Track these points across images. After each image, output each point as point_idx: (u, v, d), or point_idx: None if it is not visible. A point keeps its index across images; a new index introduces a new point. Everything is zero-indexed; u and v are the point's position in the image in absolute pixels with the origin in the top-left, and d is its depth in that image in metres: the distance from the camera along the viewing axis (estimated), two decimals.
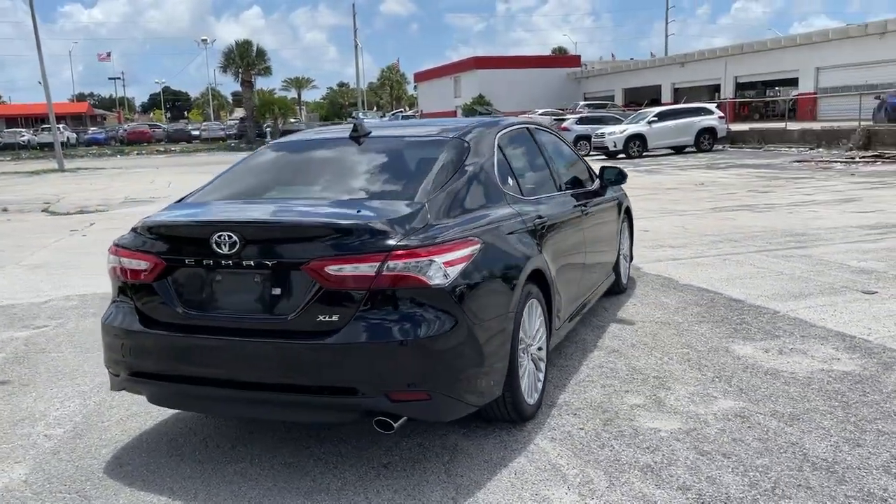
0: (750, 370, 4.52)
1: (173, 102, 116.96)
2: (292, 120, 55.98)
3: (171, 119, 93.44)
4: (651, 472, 3.30)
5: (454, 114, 66.28)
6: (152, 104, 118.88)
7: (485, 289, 3.38)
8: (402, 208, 3.36)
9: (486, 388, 3.39)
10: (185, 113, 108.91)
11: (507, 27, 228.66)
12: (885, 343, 4.94)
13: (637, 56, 72.53)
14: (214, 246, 3.25)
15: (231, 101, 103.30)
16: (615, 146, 26.65)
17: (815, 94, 43.25)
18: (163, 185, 22.28)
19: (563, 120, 30.72)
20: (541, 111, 49.47)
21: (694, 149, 27.62)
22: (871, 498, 3.00)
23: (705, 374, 4.50)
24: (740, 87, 51.13)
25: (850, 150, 23.89)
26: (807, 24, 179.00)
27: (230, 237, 3.22)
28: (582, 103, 44.99)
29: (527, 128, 4.90)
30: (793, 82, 46.55)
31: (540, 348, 4.01)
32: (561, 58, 73.34)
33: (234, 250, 3.22)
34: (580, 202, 5.09)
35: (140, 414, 4.25)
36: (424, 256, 3.11)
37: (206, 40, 67.76)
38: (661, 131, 27.04)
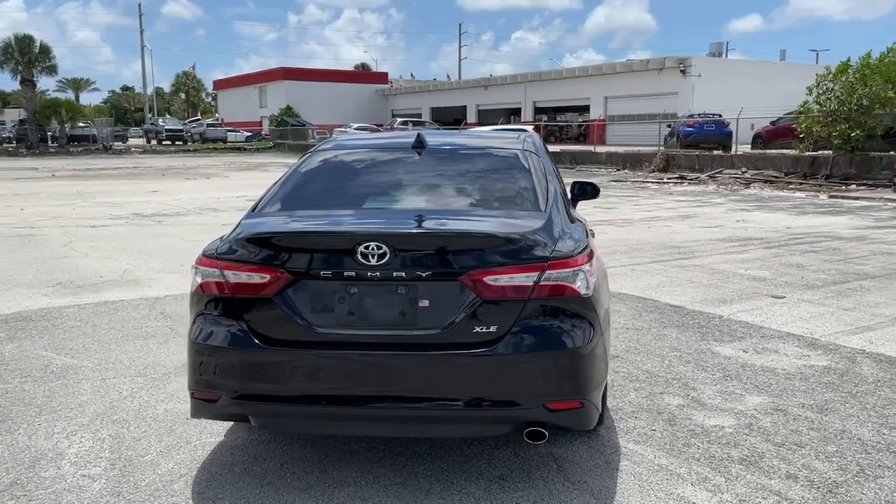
0: (748, 369, 4.99)
1: None
2: (81, 124, 51.13)
3: None
4: (751, 465, 3.56)
5: (259, 124, 64.53)
6: None
7: (603, 298, 3.47)
8: (536, 220, 3.36)
9: (601, 395, 3.47)
10: None
11: (298, 39, 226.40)
12: (832, 340, 5.65)
13: (431, 76, 75.17)
14: (360, 257, 3.06)
15: None
16: None
17: (603, 120, 47.33)
18: None
19: None
20: (356, 125, 49.65)
21: None
22: None
23: (713, 374, 4.89)
24: (538, 111, 54.76)
25: (653, 171, 26.56)
26: (577, 56, 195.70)
27: (379, 248, 3.04)
28: (399, 120, 45.76)
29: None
30: (585, 109, 50.70)
31: None
32: (369, 74, 74.03)
33: (382, 262, 3.05)
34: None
35: (180, 444, 3.81)
36: (574, 266, 3.15)
37: None
38: None
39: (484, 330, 3.05)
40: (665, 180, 23.44)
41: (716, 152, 27.04)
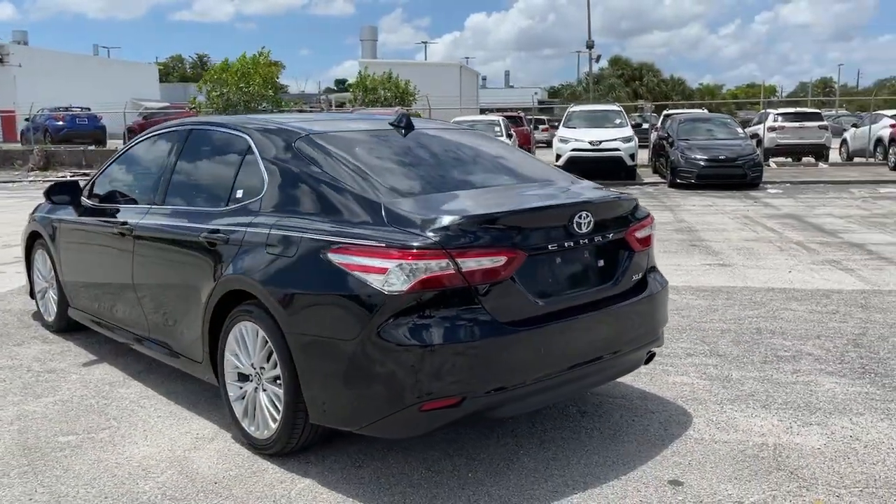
0: None
1: None
2: None
3: None
4: (681, 357, 4.93)
5: None
6: None
7: None
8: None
9: None
10: None
11: None
12: None
13: None
14: (575, 227, 3.25)
15: None
16: None
17: None
18: None
19: None
20: None
21: None
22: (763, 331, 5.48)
23: None
24: None
25: (32, 170, 24.01)
26: None
27: (587, 216, 3.30)
28: None
29: None
30: None
31: None
32: None
33: (588, 229, 3.31)
34: None
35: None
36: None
37: None
38: None
39: (637, 278, 3.64)
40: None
41: (91, 147, 26.03)
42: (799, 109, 23.94)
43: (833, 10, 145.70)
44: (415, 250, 2.92)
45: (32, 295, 5.92)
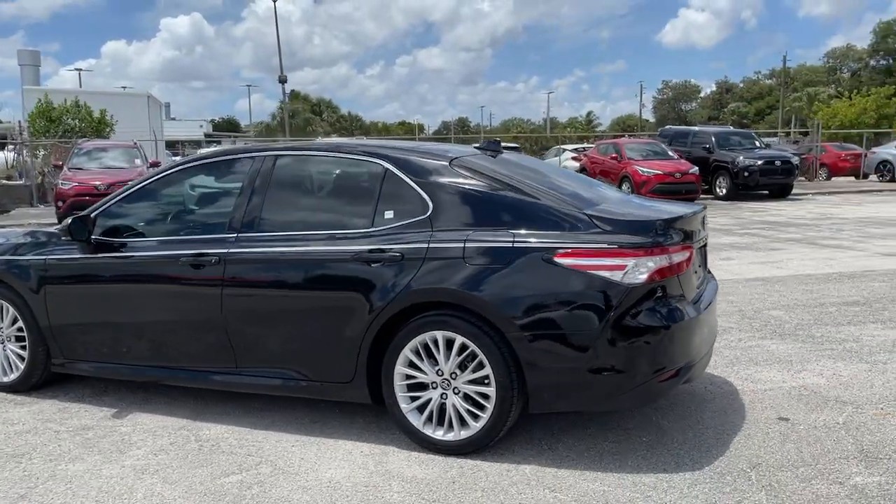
0: None
1: None
2: None
3: None
4: None
5: None
6: None
7: None
8: None
9: None
10: None
11: None
12: None
13: None
14: (703, 227, 4.13)
15: None
16: None
17: None
18: None
19: None
20: None
21: None
22: None
23: None
24: None
25: None
26: None
27: (706, 219, 4.16)
28: None
29: None
30: None
31: None
32: None
33: (706, 230, 4.17)
34: None
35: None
36: None
37: None
38: None
39: (708, 271, 4.57)
40: None
41: None
42: (507, 145, 27.44)
43: (459, 58, 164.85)
44: (647, 248, 3.51)
45: None
